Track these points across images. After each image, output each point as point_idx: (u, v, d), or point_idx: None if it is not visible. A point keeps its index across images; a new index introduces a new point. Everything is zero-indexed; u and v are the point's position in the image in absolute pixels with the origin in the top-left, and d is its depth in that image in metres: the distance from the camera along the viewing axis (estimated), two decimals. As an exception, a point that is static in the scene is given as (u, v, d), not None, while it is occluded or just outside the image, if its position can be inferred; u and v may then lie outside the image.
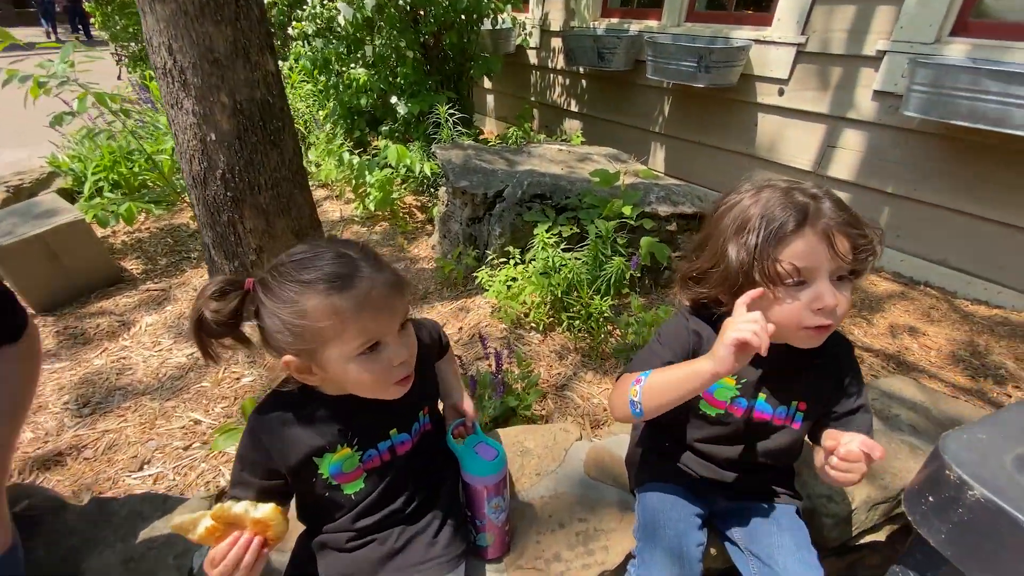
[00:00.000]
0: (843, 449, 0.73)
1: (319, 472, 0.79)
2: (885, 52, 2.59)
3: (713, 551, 1.00)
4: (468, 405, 1.01)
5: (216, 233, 2.03)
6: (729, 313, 0.76)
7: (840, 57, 2.78)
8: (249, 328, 0.75)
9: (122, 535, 0.97)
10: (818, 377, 0.87)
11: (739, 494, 0.96)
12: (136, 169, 3.23)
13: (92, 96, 2.61)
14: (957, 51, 2.37)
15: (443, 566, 0.84)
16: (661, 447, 1.00)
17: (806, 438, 0.94)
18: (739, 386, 0.88)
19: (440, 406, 1.02)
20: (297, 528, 0.89)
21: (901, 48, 2.52)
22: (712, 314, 0.87)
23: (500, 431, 1.21)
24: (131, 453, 1.63)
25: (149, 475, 1.55)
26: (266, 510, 0.70)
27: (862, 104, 2.75)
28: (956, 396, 1.97)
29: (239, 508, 0.69)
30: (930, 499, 0.61)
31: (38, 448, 1.66)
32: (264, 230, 2.04)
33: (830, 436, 0.81)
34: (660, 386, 0.79)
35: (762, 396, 0.88)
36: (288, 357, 0.71)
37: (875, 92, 2.68)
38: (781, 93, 3.09)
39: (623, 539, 0.97)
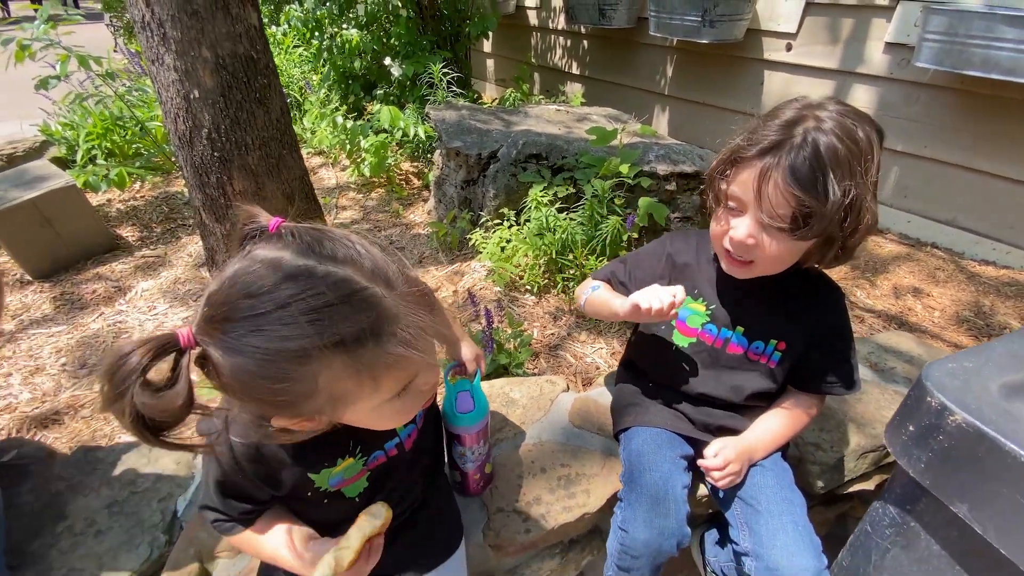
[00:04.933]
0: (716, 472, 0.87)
1: (316, 487, 0.70)
2: (898, 1, 2.46)
3: (699, 494, 0.99)
4: (467, 352, 0.93)
5: (206, 195, 2.00)
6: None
7: (851, 8, 2.65)
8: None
9: (107, 481, 0.98)
10: (802, 319, 0.85)
11: (718, 434, 0.95)
12: (129, 137, 3.19)
13: (75, 58, 2.56)
14: (973, -3, 2.25)
15: (449, 544, 0.83)
16: (641, 387, 0.99)
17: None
18: (709, 312, 0.88)
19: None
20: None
21: (915, -5, 2.40)
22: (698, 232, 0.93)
23: (486, 383, 1.19)
24: (127, 411, 1.64)
25: (144, 432, 1.56)
26: (384, 513, 0.65)
27: (873, 58, 2.64)
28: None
29: (369, 529, 0.63)
30: (910, 428, 0.59)
31: (36, 408, 1.68)
32: (254, 192, 2.01)
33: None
34: (594, 304, 0.95)
35: (739, 329, 0.87)
36: (282, 423, 0.55)
37: (887, 44, 2.56)
38: (789, 48, 2.97)
39: (605, 484, 0.96)
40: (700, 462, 0.88)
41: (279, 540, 0.69)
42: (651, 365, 0.95)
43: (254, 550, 0.71)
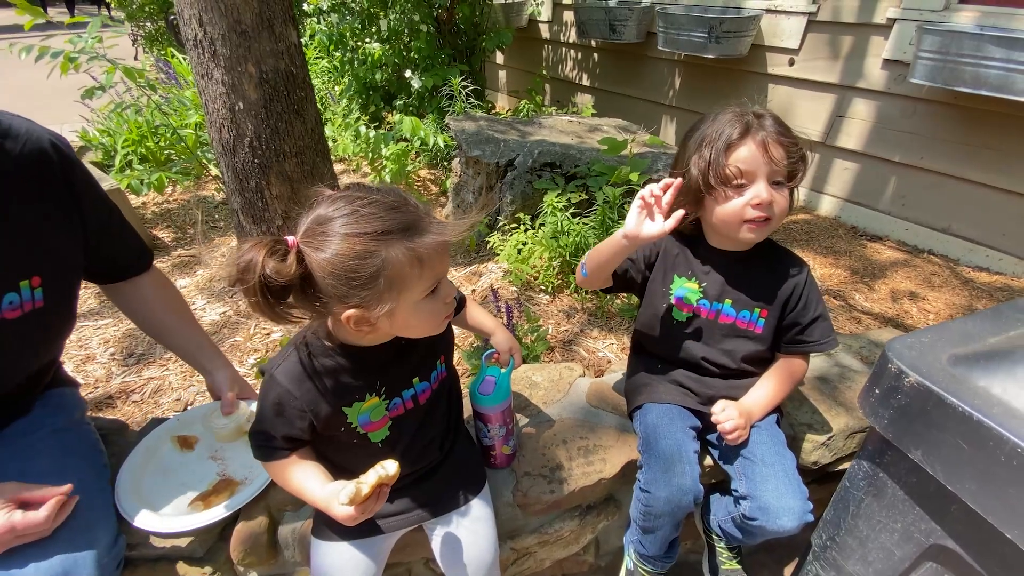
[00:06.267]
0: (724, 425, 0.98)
1: (348, 422, 0.82)
2: (895, 20, 2.60)
3: (705, 463, 1.12)
4: (501, 339, 1.06)
5: (244, 199, 2.15)
6: (694, 222, 1.01)
7: (851, 26, 2.79)
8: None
9: (181, 446, 1.12)
10: (776, 287, 1.02)
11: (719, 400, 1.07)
12: (162, 143, 3.36)
13: (120, 70, 2.73)
14: (965, 18, 2.38)
15: (468, 492, 0.96)
16: (650, 367, 1.12)
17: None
18: (702, 289, 1.04)
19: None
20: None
21: (911, 16, 2.53)
22: (681, 233, 1.07)
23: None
24: (175, 396, 1.79)
25: (192, 414, 1.71)
26: (395, 467, 0.73)
27: (872, 73, 2.77)
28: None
29: (383, 474, 0.72)
30: (876, 391, 0.72)
31: (90, 392, 1.82)
32: (289, 197, 2.16)
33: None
34: (595, 250, 1.03)
35: (728, 301, 1.03)
36: (350, 312, 0.71)
37: (885, 61, 2.69)
38: (791, 63, 3.11)
39: (619, 454, 1.09)
40: (713, 417, 1.00)
41: (307, 474, 0.82)
42: (656, 342, 1.10)
43: (284, 478, 0.84)
